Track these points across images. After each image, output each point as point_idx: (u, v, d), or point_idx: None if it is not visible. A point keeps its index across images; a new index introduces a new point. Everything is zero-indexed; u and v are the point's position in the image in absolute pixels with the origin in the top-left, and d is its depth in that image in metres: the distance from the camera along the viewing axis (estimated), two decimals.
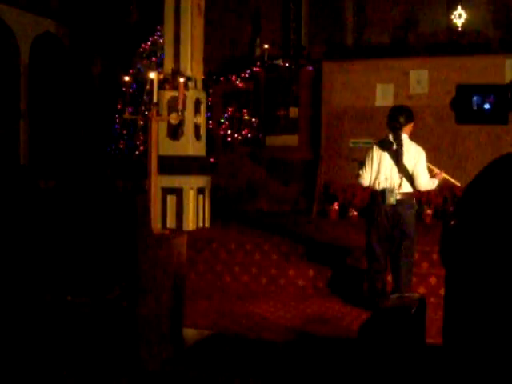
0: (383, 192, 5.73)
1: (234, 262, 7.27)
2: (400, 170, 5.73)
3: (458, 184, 6.07)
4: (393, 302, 2.71)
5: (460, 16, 10.63)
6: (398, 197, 5.71)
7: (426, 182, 5.81)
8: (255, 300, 6.49)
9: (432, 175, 5.89)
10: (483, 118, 2.07)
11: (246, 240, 7.51)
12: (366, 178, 5.88)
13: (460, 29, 10.63)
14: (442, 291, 6.44)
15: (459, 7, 10.62)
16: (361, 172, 5.94)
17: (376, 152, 5.85)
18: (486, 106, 1.99)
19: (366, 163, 5.89)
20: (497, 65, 8.36)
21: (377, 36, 11.30)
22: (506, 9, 10.59)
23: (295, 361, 4.84)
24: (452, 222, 2.21)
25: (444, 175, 5.95)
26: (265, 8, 10.82)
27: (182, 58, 8.05)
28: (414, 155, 5.80)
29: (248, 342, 5.26)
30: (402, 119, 5.78)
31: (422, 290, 6.51)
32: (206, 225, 8.32)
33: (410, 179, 5.77)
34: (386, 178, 5.76)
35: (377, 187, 5.81)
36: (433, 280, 6.57)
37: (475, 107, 1.98)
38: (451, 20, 10.72)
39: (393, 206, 5.70)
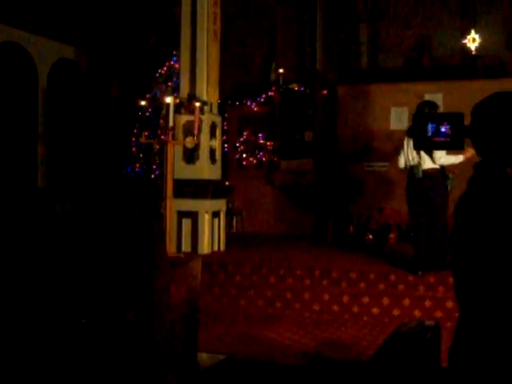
0: (411, 169, 6.92)
1: (249, 285, 7.26)
2: (417, 151, 6.80)
3: None
4: (408, 327, 2.71)
5: (474, 40, 10.66)
6: (422, 171, 6.81)
7: (443, 158, 6.75)
8: (270, 324, 6.47)
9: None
10: (439, 145, 2.13)
11: (261, 264, 7.51)
12: (401, 161, 7.10)
13: (474, 52, 10.65)
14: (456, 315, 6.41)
15: (473, 31, 10.65)
16: (398, 157, 7.16)
17: (406, 139, 7.06)
18: (442, 133, 2.04)
19: (401, 150, 7.12)
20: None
21: (391, 60, 11.35)
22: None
23: None
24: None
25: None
26: (280, 32, 10.91)
27: (197, 83, 8.13)
28: None
29: (263, 366, 5.25)
30: (426, 109, 6.81)
31: (438, 314, 6.50)
32: (222, 248, 8.33)
33: (431, 156, 6.77)
34: (413, 158, 6.91)
35: (408, 166, 6.98)
36: (449, 304, 6.55)
37: (430, 134, 2.03)
38: (465, 44, 10.76)
39: (419, 178, 6.83)
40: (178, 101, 7.99)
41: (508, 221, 2.19)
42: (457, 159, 6.74)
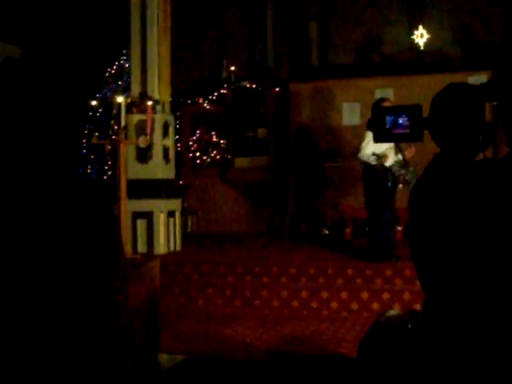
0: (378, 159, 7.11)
1: (208, 284, 7.21)
2: None
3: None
4: (387, 316, 2.71)
5: (422, 36, 10.80)
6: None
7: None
8: (231, 322, 6.43)
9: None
10: (398, 137, 2.14)
11: (218, 263, 7.47)
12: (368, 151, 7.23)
13: (422, 48, 10.80)
14: (416, 307, 6.49)
15: (421, 27, 10.79)
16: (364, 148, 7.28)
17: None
18: (401, 125, 2.06)
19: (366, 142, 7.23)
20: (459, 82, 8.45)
21: (341, 57, 11.42)
22: (466, 28, 10.80)
23: (274, 381, 4.80)
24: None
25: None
26: (231, 30, 10.87)
27: (149, 81, 8.00)
28: None
29: (225, 365, 5.21)
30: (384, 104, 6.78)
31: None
32: (178, 248, 8.23)
33: None
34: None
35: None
36: (406, 296, 6.61)
37: (388, 126, 2.04)
38: (413, 40, 10.89)
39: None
40: (129, 100, 7.86)
41: (469, 209, 2.22)
42: (368, 159, 7.06)
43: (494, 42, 10.39)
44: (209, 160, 9.98)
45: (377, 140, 2.71)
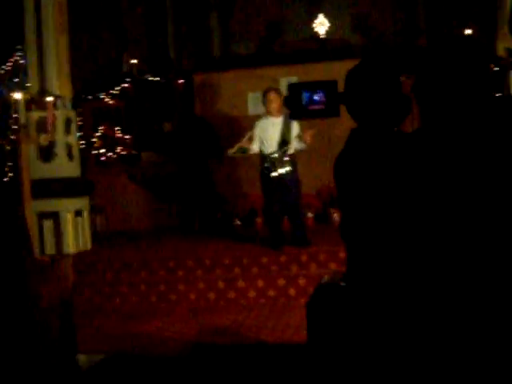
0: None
1: (121, 282, 7.04)
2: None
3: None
4: (330, 278, 2.77)
5: (323, 24, 10.95)
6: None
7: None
8: (147, 318, 6.30)
9: None
10: (315, 113, 2.15)
11: (131, 259, 7.30)
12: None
13: (323, 36, 10.95)
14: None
15: (321, 15, 10.94)
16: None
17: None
18: (317, 101, 2.06)
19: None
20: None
21: (243, 47, 11.43)
22: (365, 16, 11.04)
23: (197, 372, 4.73)
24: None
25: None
26: (130, 23, 10.64)
27: (47, 77, 7.67)
28: None
29: (145, 361, 5.09)
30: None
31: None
32: (87, 247, 7.98)
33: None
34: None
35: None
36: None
37: (305, 103, 2.04)
38: (314, 28, 11.02)
39: None
40: (28, 97, 7.55)
41: (383, 181, 2.24)
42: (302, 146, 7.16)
43: (391, 29, 10.68)
44: (114, 156, 9.74)
45: (293, 117, 2.70)
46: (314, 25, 10.87)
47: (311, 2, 11.21)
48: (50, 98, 7.48)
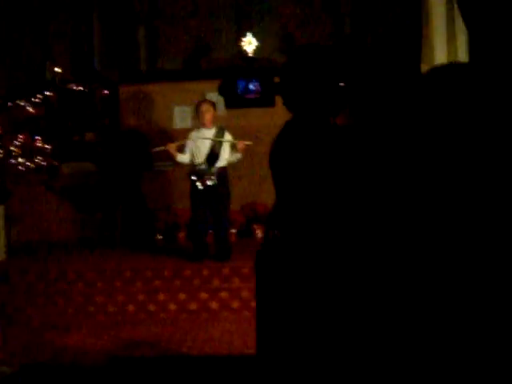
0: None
1: (37, 294, 6.76)
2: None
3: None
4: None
5: (250, 43, 11.01)
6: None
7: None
8: (64, 331, 6.07)
9: None
10: (250, 102, 2.15)
11: (47, 270, 7.04)
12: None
13: (251, 55, 11.01)
14: (254, 304, 6.51)
15: (249, 34, 11.00)
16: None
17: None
18: (252, 90, 2.06)
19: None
20: None
21: (170, 62, 11.34)
22: (290, 36, 11.19)
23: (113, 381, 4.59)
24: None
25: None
26: (55, 31, 10.38)
27: None
28: None
29: (60, 371, 4.89)
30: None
31: (235, 304, 6.55)
32: (1, 258, 7.69)
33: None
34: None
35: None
36: (245, 294, 6.62)
37: (240, 91, 2.03)
38: (242, 46, 11.08)
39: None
40: None
41: (317, 170, 2.24)
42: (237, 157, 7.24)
43: None
44: (33, 166, 9.41)
45: (228, 106, 2.66)
46: (242, 43, 10.93)
47: (239, 21, 11.28)
48: None
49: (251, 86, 2.55)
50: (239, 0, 11.40)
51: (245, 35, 11.00)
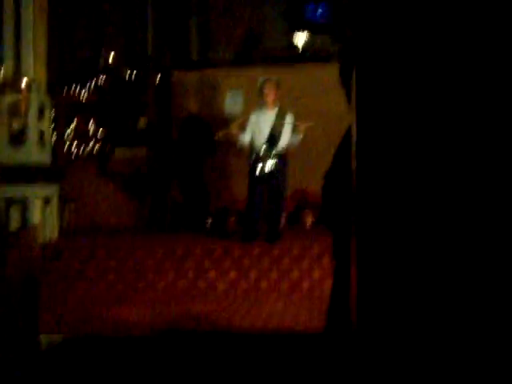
0: None
1: (88, 270, 6.83)
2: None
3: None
4: None
5: (302, 33, 10.96)
6: None
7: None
8: (114, 305, 6.10)
9: None
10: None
11: (98, 247, 7.10)
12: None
13: (302, 46, 10.96)
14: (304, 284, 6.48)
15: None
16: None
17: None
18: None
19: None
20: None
21: (222, 53, 11.36)
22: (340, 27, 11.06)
23: (161, 353, 4.57)
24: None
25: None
26: (109, 18, 10.52)
27: (23, 59, 7.55)
28: None
29: (108, 341, 4.90)
30: None
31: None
32: (55, 236, 7.78)
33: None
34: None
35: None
36: (295, 274, 6.58)
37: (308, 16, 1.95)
38: (292, 37, 11.03)
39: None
40: (1, 78, 7.39)
41: None
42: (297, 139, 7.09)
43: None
44: (87, 151, 9.55)
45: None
46: (293, 34, 10.88)
47: (291, 13, 11.23)
48: (24, 81, 7.34)
49: (320, 10, 2.47)
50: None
51: (296, 27, 10.95)
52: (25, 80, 7.26)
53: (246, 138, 7.13)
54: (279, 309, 5.96)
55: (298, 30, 10.57)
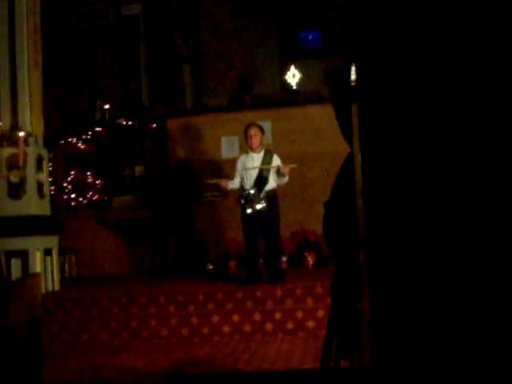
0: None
1: (91, 319, 6.79)
2: None
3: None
4: None
5: (294, 76, 11.14)
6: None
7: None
8: (119, 353, 6.05)
9: None
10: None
11: (101, 297, 7.07)
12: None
13: (295, 87, 11.13)
14: (308, 324, 6.43)
15: (292, 67, 11.13)
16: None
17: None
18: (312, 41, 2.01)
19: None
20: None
21: (215, 99, 11.53)
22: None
23: None
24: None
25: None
26: (104, 70, 10.69)
27: (20, 113, 7.65)
28: None
29: None
30: None
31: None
32: (56, 287, 7.76)
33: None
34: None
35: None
36: (299, 314, 6.54)
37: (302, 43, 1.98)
38: (286, 80, 11.21)
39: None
40: None
41: None
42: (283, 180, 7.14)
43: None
44: (85, 201, 9.58)
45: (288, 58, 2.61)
46: (286, 76, 11.05)
47: (283, 55, 11.42)
48: (21, 134, 7.41)
49: (312, 37, 2.51)
50: (282, 35, 11.55)
51: (288, 68, 11.13)
52: (22, 134, 7.33)
53: (235, 185, 7.27)
54: (285, 349, 5.92)
55: (292, 59, 10.75)
